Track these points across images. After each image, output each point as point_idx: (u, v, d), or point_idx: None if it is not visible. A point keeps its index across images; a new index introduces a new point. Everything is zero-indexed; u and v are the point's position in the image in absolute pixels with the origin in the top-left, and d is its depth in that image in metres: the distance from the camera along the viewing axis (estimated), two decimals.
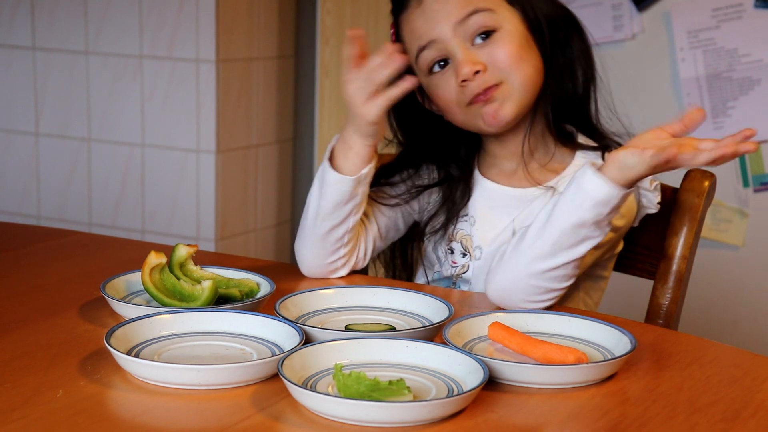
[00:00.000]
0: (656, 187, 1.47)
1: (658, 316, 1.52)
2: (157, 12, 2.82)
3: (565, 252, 1.34)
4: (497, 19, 1.46)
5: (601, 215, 1.31)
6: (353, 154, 1.45)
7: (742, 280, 2.61)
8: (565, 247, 1.33)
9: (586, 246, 1.34)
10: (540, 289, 1.35)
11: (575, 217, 1.32)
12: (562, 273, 1.35)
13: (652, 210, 1.49)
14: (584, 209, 1.31)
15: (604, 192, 1.30)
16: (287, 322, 1.21)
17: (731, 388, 1.13)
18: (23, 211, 3.11)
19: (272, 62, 2.98)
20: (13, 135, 3.08)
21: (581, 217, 1.31)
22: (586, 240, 1.33)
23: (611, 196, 1.30)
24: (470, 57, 1.45)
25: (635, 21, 2.61)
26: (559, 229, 1.33)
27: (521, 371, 1.11)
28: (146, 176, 2.92)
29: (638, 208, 1.49)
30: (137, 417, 1.04)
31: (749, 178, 2.56)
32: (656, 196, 1.48)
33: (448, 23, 1.46)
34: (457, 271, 1.55)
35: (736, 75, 2.55)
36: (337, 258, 1.50)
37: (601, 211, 1.31)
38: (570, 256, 1.34)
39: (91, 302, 1.36)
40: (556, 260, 1.34)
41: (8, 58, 3.04)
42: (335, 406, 1.01)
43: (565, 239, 1.33)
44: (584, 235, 1.33)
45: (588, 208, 1.31)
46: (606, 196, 1.30)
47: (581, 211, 1.31)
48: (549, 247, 1.34)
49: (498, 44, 1.46)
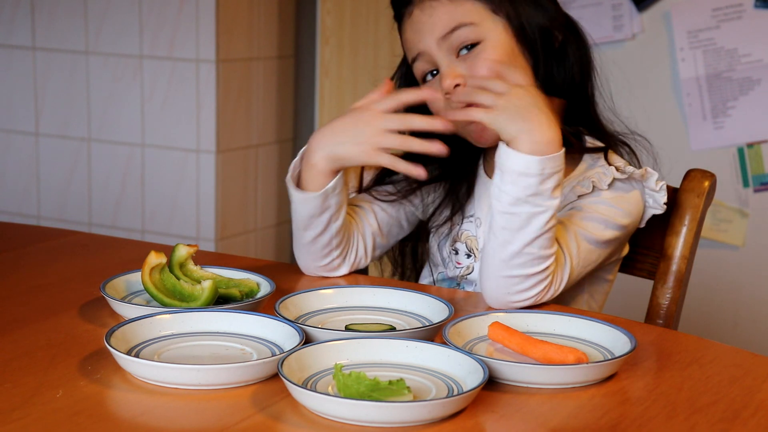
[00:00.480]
0: (662, 188, 1.46)
1: (658, 316, 1.52)
2: (157, 12, 2.82)
3: (517, 235, 1.33)
4: (480, 32, 1.45)
5: (531, 186, 1.31)
6: (316, 172, 1.43)
7: (742, 280, 2.61)
8: (514, 230, 1.33)
9: (538, 222, 1.32)
10: (515, 279, 1.35)
11: (506, 196, 1.32)
12: (529, 257, 1.34)
13: (659, 210, 1.48)
14: (510, 185, 1.31)
15: (520, 163, 1.30)
16: (287, 322, 1.21)
17: (731, 388, 1.13)
18: (23, 211, 3.11)
19: (272, 62, 2.98)
20: (13, 135, 3.08)
21: (511, 195, 1.32)
22: (534, 216, 1.32)
23: (529, 164, 1.30)
24: (452, 70, 1.45)
25: (635, 21, 2.61)
26: (500, 215, 1.33)
27: (521, 371, 1.11)
28: (146, 176, 2.93)
29: (644, 208, 1.48)
30: (137, 417, 1.04)
31: (749, 178, 2.56)
32: (662, 196, 1.47)
33: (432, 37, 1.46)
34: (462, 272, 1.55)
35: (736, 75, 2.55)
36: (330, 260, 1.50)
37: (528, 182, 1.31)
38: (525, 237, 1.33)
39: (91, 302, 1.36)
40: (513, 246, 1.34)
41: (8, 58, 3.04)
42: (335, 406, 1.01)
43: (511, 222, 1.33)
44: (527, 212, 1.32)
45: (512, 183, 1.31)
46: (524, 167, 1.30)
47: (509, 188, 1.32)
48: (500, 236, 1.34)
49: (479, 57, 1.45)
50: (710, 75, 2.57)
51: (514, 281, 1.35)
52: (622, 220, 1.45)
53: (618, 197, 1.44)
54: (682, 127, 2.57)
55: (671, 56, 2.59)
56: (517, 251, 1.34)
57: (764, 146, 2.54)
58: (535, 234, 1.33)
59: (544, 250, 1.34)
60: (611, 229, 1.44)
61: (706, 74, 2.57)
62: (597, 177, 1.44)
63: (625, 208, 1.45)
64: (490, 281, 1.37)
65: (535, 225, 1.33)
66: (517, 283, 1.35)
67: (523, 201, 1.32)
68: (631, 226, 1.48)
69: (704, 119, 2.57)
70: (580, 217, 1.43)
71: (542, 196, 1.32)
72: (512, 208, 1.32)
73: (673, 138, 2.58)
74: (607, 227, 1.43)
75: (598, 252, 1.44)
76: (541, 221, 1.33)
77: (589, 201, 1.44)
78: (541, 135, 1.31)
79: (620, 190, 1.45)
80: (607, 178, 1.43)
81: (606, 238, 1.44)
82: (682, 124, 2.57)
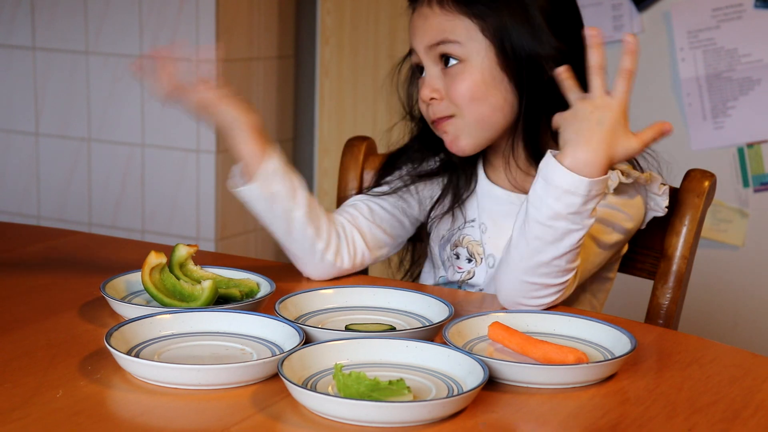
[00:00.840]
0: (665, 192, 1.46)
1: (658, 316, 1.52)
2: (157, 12, 2.82)
3: (549, 247, 1.32)
4: (464, 52, 1.45)
5: (574, 205, 1.29)
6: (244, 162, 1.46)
7: (742, 280, 2.61)
8: (548, 242, 1.32)
9: (571, 239, 1.31)
10: (536, 286, 1.35)
11: (547, 209, 1.30)
12: (555, 269, 1.34)
13: (660, 213, 1.48)
14: (553, 200, 1.29)
15: (568, 181, 1.28)
16: (287, 322, 1.21)
17: (731, 388, 1.13)
18: (23, 211, 3.11)
19: (272, 62, 2.98)
20: (13, 135, 3.08)
21: (553, 209, 1.30)
22: (569, 233, 1.31)
23: (577, 185, 1.28)
24: (431, 82, 1.47)
25: (635, 21, 2.61)
26: (536, 224, 1.32)
27: (521, 371, 1.11)
28: (146, 176, 2.93)
29: (646, 210, 1.49)
30: (137, 417, 1.04)
31: (749, 178, 2.56)
32: (664, 200, 1.47)
33: (421, 42, 1.48)
34: (463, 277, 1.55)
35: (736, 75, 2.55)
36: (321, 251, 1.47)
37: (572, 201, 1.29)
38: (556, 251, 1.32)
39: (91, 302, 1.36)
40: (543, 256, 1.33)
41: (8, 58, 3.04)
42: (335, 406, 1.01)
43: (546, 234, 1.31)
44: (564, 228, 1.30)
45: (556, 198, 1.29)
46: (571, 186, 1.28)
47: (551, 202, 1.30)
48: (532, 244, 1.33)
49: (457, 78, 1.46)
50: (710, 75, 2.57)
51: (534, 287, 1.35)
52: (627, 224, 1.45)
53: (624, 202, 1.45)
54: (682, 127, 2.57)
55: (671, 56, 2.59)
56: (545, 262, 1.33)
57: (764, 146, 2.54)
58: (566, 249, 1.32)
59: (570, 264, 1.34)
60: (617, 233, 1.45)
61: (706, 74, 2.57)
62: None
63: (630, 212, 1.46)
64: (509, 283, 1.36)
65: (569, 241, 1.32)
66: (536, 290, 1.35)
67: (563, 217, 1.30)
68: (633, 230, 1.49)
69: (704, 119, 2.57)
70: None
71: (582, 215, 1.30)
72: (551, 221, 1.31)
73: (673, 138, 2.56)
74: (614, 231, 1.44)
75: (603, 255, 1.45)
76: (575, 238, 1.32)
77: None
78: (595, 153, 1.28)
79: (625, 195, 1.45)
80: (613, 183, 1.43)
81: (612, 241, 1.44)
82: (682, 124, 2.57)
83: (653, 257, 1.57)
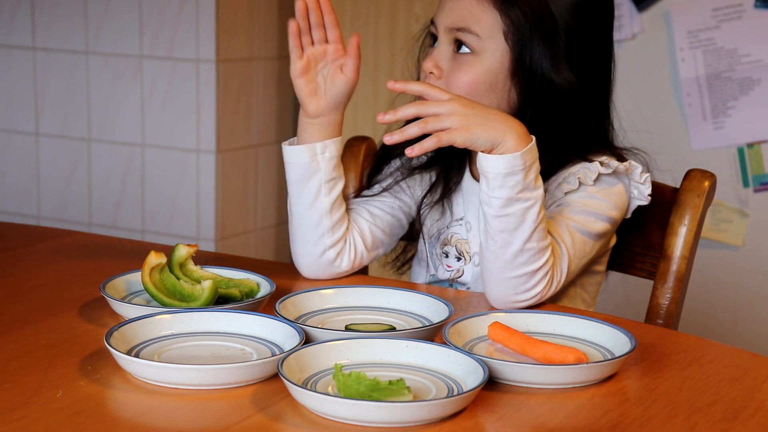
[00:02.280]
0: (646, 180, 1.47)
1: (658, 316, 1.52)
2: (157, 12, 2.82)
3: (515, 234, 1.34)
4: (481, 46, 1.46)
5: (518, 183, 1.32)
6: (308, 131, 1.46)
7: (742, 280, 2.61)
8: (512, 230, 1.34)
9: (531, 216, 1.34)
10: (521, 278, 1.36)
11: (497, 200, 1.33)
12: (530, 252, 1.35)
13: (644, 202, 1.49)
14: (498, 189, 1.33)
15: (502, 164, 1.32)
16: (287, 322, 1.21)
17: (731, 388, 1.13)
18: (23, 211, 3.11)
19: (272, 62, 2.98)
20: (13, 135, 3.08)
21: (502, 197, 1.33)
22: (526, 211, 1.34)
23: (512, 162, 1.31)
24: (438, 57, 1.48)
25: (635, 21, 2.61)
26: (495, 219, 1.34)
27: (521, 371, 1.11)
28: (146, 176, 2.92)
29: (629, 200, 1.49)
30: (137, 417, 1.04)
31: (749, 178, 2.56)
32: (647, 188, 1.48)
33: (443, 21, 1.48)
34: (452, 275, 1.55)
35: (736, 75, 2.55)
36: (324, 249, 1.48)
37: (515, 180, 1.32)
38: (524, 234, 1.34)
39: (91, 302, 1.36)
40: (514, 246, 1.35)
41: (8, 58, 3.04)
42: (335, 406, 1.01)
43: (507, 223, 1.34)
44: (520, 208, 1.34)
45: (500, 185, 1.32)
46: (508, 168, 1.32)
47: (498, 192, 1.33)
48: (500, 238, 1.35)
49: (463, 67, 1.46)
50: (710, 75, 2.57)
51: (520, 281, 1.36)
52: (610, 212, 1.46)
53: (604, 190, 1.46)
54: (682, 127, 2.57)
55: (671, 56, 2.59)
56: (518, 249, 1.35)
57: (764, 146, 2.54)
58: (531, 228, 1.34)
59: (542, 242, 1.36)
60: (601, 221, 1.45)
61: (706, 74, 2.57)
62: (582, 173, 1.45)
63: (612, 201, 1.47)
64: (495, 285, 1.37)
65: (530, 219, 1.34)
66: (522, 282, 1.36)
67: (514, 199, 1.33)
68: (618, 218, 1.49)
69: (704, 119, 2.57)
70: (570, 211, 1.44)
71: (529, 188, 1.33)
72: (505, 209, 1.33)
73: (673, 138, 2.58)
74: (598, 219, 1.45)
75: (591, 243, 1.45)
76: (534, 213, 1.34)
77: (576, 196, 1.45)
78: (513, 134, 1.32)
79: (605, 184, 1.46)
80: (592, 174, 1.44)
81: (597, 230, 1.45)
82: (682, 124, 2.57)
83: (653, 257, 1.57)
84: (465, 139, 1.31)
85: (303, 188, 1.46)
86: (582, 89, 1.47)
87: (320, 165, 1.45)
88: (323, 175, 1.46)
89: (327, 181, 1.46)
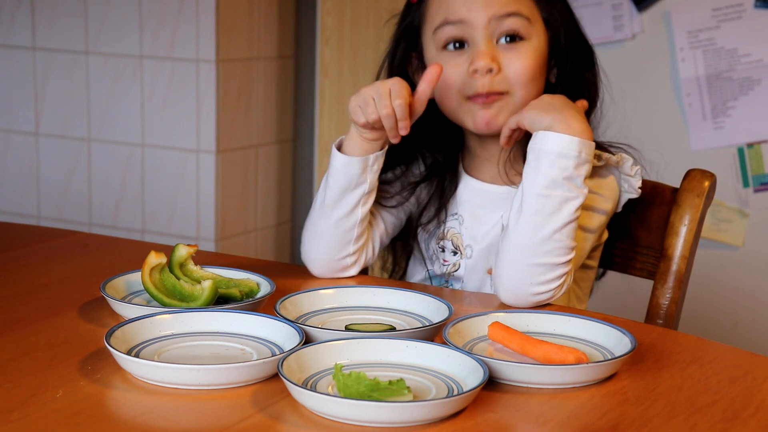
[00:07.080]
0: (637, 173, 1.48)
1: (658, 316, 1.52)
2: (157, 12, 2.82)
3: (549, 219, 1.35)
4: (530, 31, 1.47)
5: (568, 168, 1.34)
6: (361, 141, 1.45)
7: (742, 280, 2.61)
8: (547, 213, 1.35)
9: (569, 208, 1.36)
10: (542, 267, 1.36)
11: (542, 178, 1.35)
12: (558, 244, 1.36)
13: (633, 195, 1.50)
14: (547, 167, 1.35)
15: (560, 144, 1.35)
16: (287, 322, 1.21)
17: (731, 388, 1.13)
18: (23, 211, 3.11)
19: (272, 62, 2.98)
20: (13, 135, 3.08)
21: (548, 176, 1.35)
22: (566, 201, 1.35)
23: (569, 145, 1.34)
24: (491, 52, 1.46)
25: (635, 21, 2.61)
26: (533, 198, 1.36)
27: (521, 371, 1.11)
28: (146, 176, 2.93)
29: (620, 193, 1.50)
30: (137, 417, 1.04)
31: (749, 178, 2.56)
32: (637, 181, 1.49)
33: (485, 12, 1.46)
34: (449, 270, 1.56)
35: (736, 75, 2.55)
36: (347, 255, 1.49)
37: (565, 164, 1.34)
38: (556, 224, 1.35)
39: (91, 302, 1.36)
40: (545, 230, 1.36)
41: (8, 58, 3.04)
42: (335, 406, 1.01)
43: (545, 205, 1.35)
44: (561, 196, 1.35)
45: (550, 164, 1.35)
46: (563, 148, 1.34)
47: (546, 169, 1.35)
48: (532, 220, 1.35)
49: (520, 54, 1.46)
50: (710, 75, 2.57)
51: (539, 270, 1.36)
52: (605, 205, 1.48)
53: (597, 183, 1.47)
54: (682, 127, 2.57)
55: (671, 56, 2.59)
56: (547, 236, 1.36)
57: (764, 146, 2.54)
58: (565, 220, 1.36)
59: (570, 241, 1.38)
60: (597, 214, 1.47)
61: (706, 74, 2.57)
62: None
63: (605, 193, 1.48)
64: (513, 270, 1.37)
65: (567, 211, 1.36)
66: (542, 273, 1.36)
67: (559, 184, 1.35)
68: (611, 211, 1.50)
69: (704, 119, 2.56)
70: None
71: (576, 181, 1.36)
72: (547, 190, 1.35)
73: (673, 138, 2.58)
74: (594, 213, 1.47)
75: (590, 240, 1.47)
76: (572, 208, 1.36)
77: None
78: (576, 122, 1.36)
79: (598, 177, 1.48)
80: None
81: (595, 225, 1.47)
82: (682, 124, 2.57)
83: (653, 257, 1.57)
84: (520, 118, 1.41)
85: (345, 196, 1.47)
86: (579, 80, 1.52)
87: (368, 177, 1.46)
88: (367, 187, 1.47)
89: (368, 192, 1.47)
